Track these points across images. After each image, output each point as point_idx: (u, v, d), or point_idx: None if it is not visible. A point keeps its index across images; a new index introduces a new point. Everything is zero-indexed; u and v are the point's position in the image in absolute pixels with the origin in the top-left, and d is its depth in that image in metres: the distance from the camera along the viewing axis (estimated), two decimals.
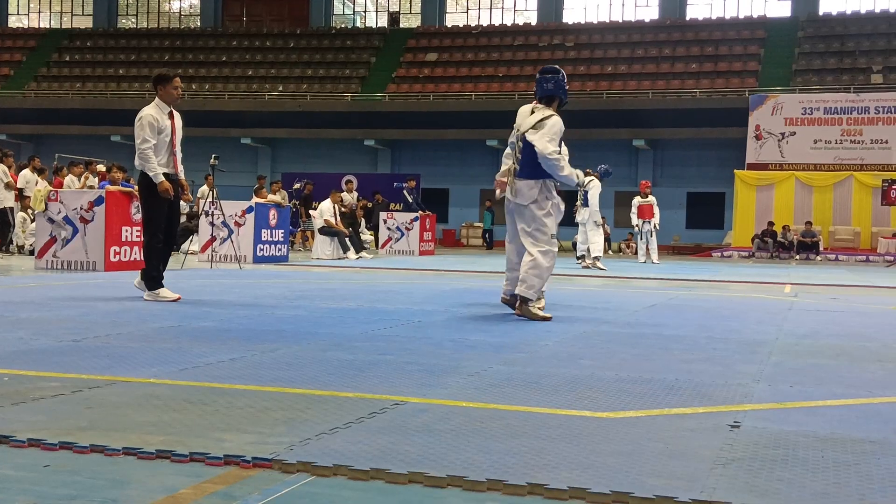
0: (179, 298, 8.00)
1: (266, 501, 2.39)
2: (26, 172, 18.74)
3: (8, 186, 17.46)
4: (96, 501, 2.35)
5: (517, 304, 7.35)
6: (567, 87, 7.66)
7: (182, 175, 8.35)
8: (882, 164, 29.88)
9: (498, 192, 7.86)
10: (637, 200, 20.76)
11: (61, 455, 2.79)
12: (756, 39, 37.72)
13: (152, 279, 8.01)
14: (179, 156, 8.29)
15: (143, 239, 8.37)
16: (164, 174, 8.04)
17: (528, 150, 7.40)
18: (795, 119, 30.81)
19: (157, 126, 8.08)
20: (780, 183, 30.16)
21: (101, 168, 18.20)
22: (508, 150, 7.71)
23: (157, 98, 8.30)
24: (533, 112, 7.53)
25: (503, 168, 7.75)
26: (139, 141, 8.02)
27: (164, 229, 8.15)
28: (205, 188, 21.43)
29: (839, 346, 6.02)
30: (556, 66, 7.81)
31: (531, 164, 7.41)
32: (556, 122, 7.40)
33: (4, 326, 5.87)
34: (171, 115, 8.24)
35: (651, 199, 20.63)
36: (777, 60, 36.49)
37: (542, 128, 7.39)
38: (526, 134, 7.43)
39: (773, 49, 37.12)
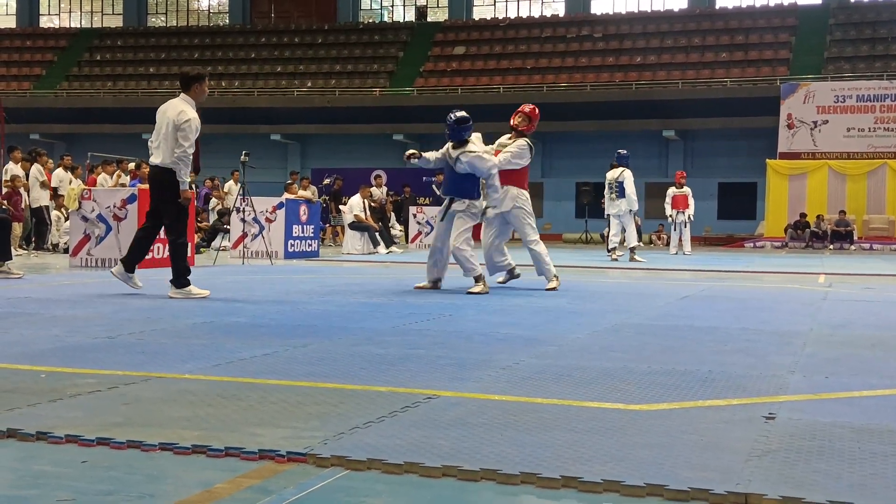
0: (209, 294, 8.05)
1: (301, 495, 2.41)
2: (59, 171, 18.94)
3: (43, 185, 17.66)
4: (133, 496, 2.37)
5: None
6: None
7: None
8: None
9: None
10: (672, 191, 20.58)
11: (98, 451, 2.82)
12: (787, 27, 37.32)
13: (184, 276, 8.03)
14: None
15: (173, 238, 8.27)
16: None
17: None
18: (828, 107, 30.47)
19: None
20: (812, 172, 29.86)
21: (132, 166, 18.35)
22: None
23: (188, 97, 8.27)
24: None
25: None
26: (187, 145, 8.03)
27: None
28: (231, 184, 21.55)
29: (874, 336, 5.96)
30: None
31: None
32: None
33: (40, 324, 5.94)
34: None
35: (686, 189, 20.41)
36: (808, 48, 36.08)
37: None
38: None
39: (804, 37, 36.70)
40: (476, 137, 9.37)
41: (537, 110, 10.42)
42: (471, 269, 9.04)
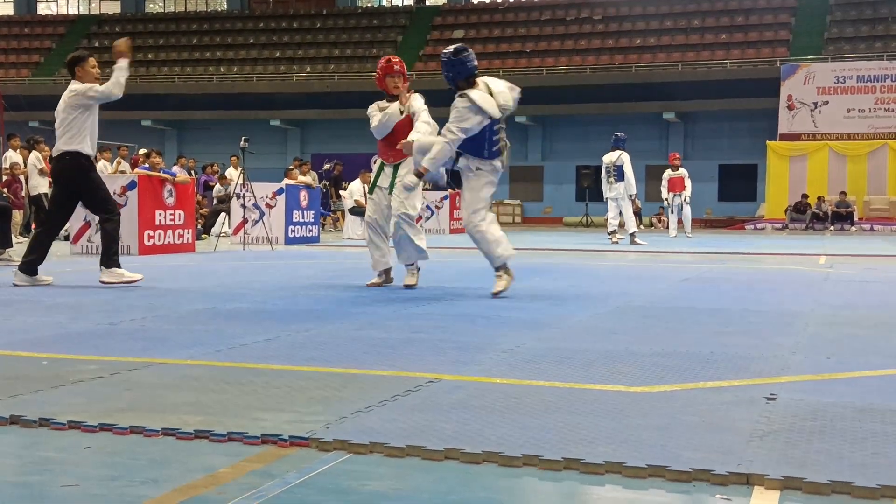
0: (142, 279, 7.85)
1: (303, 479, 2.41)
2: None
3: (41, 173, 17.64)
4: (137, 482, 2.38)
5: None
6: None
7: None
8: None
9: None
10: (668, 173, 20.53)
11: (101, 437, 2.82)
12: (787, 8, 37.17)
13: (115, 257, 7.86)
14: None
15: (107, 219, 8.02)
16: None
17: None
18: (828, 88, 30.39)
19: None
20: (813, 153, 29.82)
21: (143, 151, 18.33)
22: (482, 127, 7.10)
23: (79, 81, 8.27)
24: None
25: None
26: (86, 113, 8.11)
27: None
28: (231, 170, 21.54)
29: (876, 316, 5.96)
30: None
31: None
32: None
33: (42, 311, 5.94)
34: None
35: (682, 171, 20.35)
36: (808, 29, 35.96)
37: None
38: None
39: (804, 17, 36.58)
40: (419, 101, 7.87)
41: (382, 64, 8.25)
42: (494, 257, 7.15)
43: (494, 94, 7.14)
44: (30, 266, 7.79)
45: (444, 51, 7.41)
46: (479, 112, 6.99)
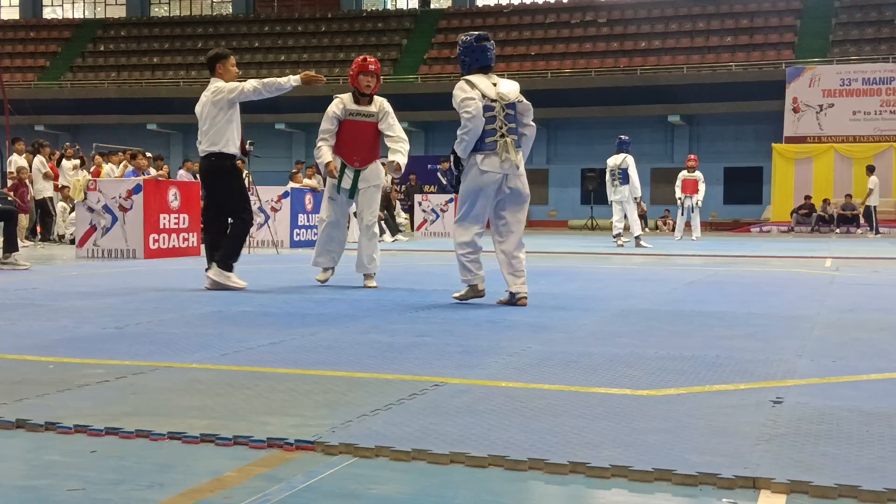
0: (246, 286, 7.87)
1: (309, 483, 2.41)
2: (66, 163, 18.97)
3: (46, 177, 17.68)
4: (143, 486, 2.38)
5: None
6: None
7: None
8: None
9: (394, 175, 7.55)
10: (683, 174, 20.54)
11: (107, 441, 2.83)
12: (792, 10, 37.14)
13: (231, 261, 7.84)
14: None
15: (238, 223, 7.95)
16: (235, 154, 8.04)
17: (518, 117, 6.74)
18: (833, 91, 30.34)
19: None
20: (818, 156, 29.76)
21: (149, 155, 18.39)
22: (478, 120, 6.50)
23: (219, 78, 8.16)
24: (495, 84, 6.72)
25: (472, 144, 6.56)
26: (223, 114, 7.96)
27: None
28: None
29: (882, 319, 5.94)
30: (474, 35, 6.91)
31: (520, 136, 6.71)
32: None
33: (48, 315, 5.95)
34: None
35: (697, 174, 20.32)
36: (814, 31, 35.92)
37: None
38: (519, 102, 6.71)
39: (809, 20, 36.53)
40: None
41: (357, 62, 8.35)
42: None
43: (498, 84, 6.72)
44: (224, 263, 7.73)
45: (466, 35, 6.90)
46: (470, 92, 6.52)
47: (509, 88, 6.78)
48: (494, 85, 6.73)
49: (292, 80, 7.95)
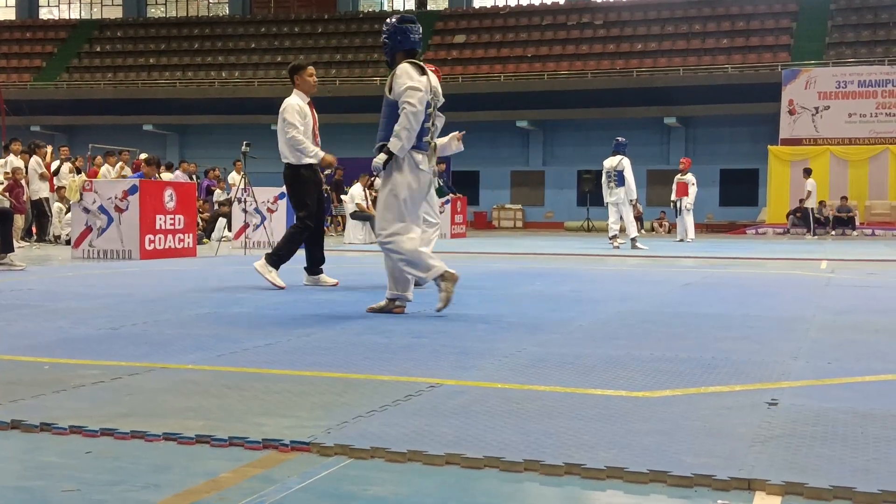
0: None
1: (304, 484, 2.41)
2: (64, 165, 18.96)
3: (42, 177, 17.65)
4: (138, 486, 2.38)
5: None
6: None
7: None
8: None
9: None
10: (677, 177, 20.69)
11: (103, 441, 2.83)
12: (787, 13, 37.19)
13: (280, 260, 8.14)
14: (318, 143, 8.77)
15: (295, 224, 8.54)
16: (310, 164, 8.59)
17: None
18: (829, 93, 30.37)
19: (301, 112, 8.68)
20: (814, 158, 29.77)
21: (144, 156, 18.38)
22: (419, 116, 6.03)
23: (296, 88, 8.86)
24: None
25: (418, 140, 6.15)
26: (289, 128, 8.63)
27: (315, 215, 8.46)
28: (234, 174, 21.55)
29: (877, 321, 5.95)
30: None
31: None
32: None
33: (44, 315, 5.94)
34: (310, 104, 8.81)
35: (688, 176, 20.41)
36: (809, 33, 35.97)
37: None
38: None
39: (805, 22, 36.58)
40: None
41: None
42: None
43: (428, 74, 6.21)
44: (312, 267, 8.38)
45: (388, 19, 6.44)
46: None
47: (437, 84, 6.37)
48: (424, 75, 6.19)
49: (318, 154, 8.93)
